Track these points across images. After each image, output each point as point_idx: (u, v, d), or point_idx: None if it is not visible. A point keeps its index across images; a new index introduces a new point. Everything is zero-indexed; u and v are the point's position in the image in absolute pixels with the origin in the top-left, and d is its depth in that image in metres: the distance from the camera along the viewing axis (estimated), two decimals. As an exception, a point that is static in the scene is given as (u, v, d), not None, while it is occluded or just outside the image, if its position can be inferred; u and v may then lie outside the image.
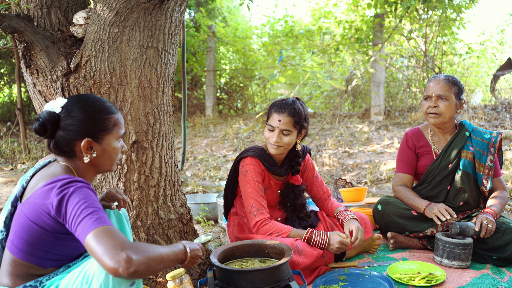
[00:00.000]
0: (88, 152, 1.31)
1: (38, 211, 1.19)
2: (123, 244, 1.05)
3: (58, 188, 1.17)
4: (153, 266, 1.09)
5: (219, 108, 9.24)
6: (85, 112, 1.30)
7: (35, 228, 1.20)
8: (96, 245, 1.05)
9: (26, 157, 6.37)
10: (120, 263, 1.02)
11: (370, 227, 2.37)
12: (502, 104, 6.56)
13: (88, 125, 1.30)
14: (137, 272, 1.04)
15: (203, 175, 5.14)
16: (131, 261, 1.03)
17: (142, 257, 1.06)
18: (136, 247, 1.07)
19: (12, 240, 1.24)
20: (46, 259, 1.25)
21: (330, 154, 5.38)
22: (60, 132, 1.29)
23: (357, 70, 7.72)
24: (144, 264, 1.05)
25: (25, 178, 1.32)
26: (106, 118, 1.34)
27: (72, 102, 1.31)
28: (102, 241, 1.05)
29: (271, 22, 9.14)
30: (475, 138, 2.38)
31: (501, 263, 2.15)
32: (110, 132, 1.35)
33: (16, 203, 1.31)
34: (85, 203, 1.13)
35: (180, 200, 2.11)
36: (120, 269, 1.01)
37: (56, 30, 1.88)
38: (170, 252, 1.20)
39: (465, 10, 6.60)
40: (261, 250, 1.87)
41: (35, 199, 1.21)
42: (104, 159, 1.36)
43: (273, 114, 2.12)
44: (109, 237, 1.06)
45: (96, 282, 1.10)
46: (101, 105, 1.34)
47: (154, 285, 1.87)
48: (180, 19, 2.00)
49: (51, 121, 1.28)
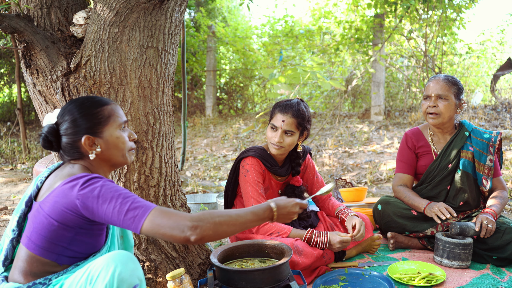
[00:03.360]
0: (92, 148, 1.34)
1: (59, 208, 1.22)
2: (185, 216, 1.17)
3: (82, 185, 1.21)
4: (222, 229, 1.20)
5: (219, 108, 9.24)
6: (75, 112, 1.33)
7: (55, 225, 1.23)
8: (159, 225, 1.15)
9: (26, 157, 6.37)
10: (189, 231, 1.14)
11: (370, 227, 2.37)
12: (502, 104, 6.56)
13: (82, 123, 1.33)
14: (205, 236, 1.16)
15: (203, 175, 5.14)
16: (197, 227, 1.15)
17: (208, 223, 1.17)
18: (199, 216, 1.19)
19: (30, 236, 1.26)
20: (63, 255, 1.28)
21: (330, 154, 5.38)
22: (63, 139, 1.34)
23: (357, 70, 7.72)
24: (211, 229, 1.17)
25: (39, 179, 1.36)
26: (98, 111, 1.35)
27: (64, 108, 1.36)
28: (162, 220, 1.15)
29: (271, 22, 9.14)
30: (475, 138, 2.38)
31: (501, 263, 2.15)
32: (106, 123, 1.36)
33: (30, 203, 1.34)
34: (120, 194, 1.19)
35: (180, 200, 2.11)
36: (192, 238, 1.15)
37: (56, 30, 1.88)
38: (247, 212, 1.28)
39: (465, 10, 6.60)
40: (261, 250, 1.87)
41: (55, 197, 1.23)
42: (112, 151, 1.37)
43: (277, 114, 2.12)
44: (169, 215, 1.17)
45: (101, 282, 1.11)
46: (90, 101, 1.37)
47: (154, 285, 1.87)
48: (180, 19, 2.00)
49: (51, 132, 1.33)
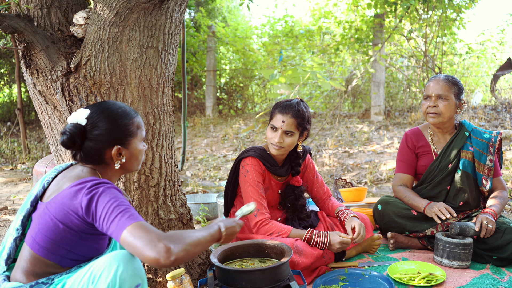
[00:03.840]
0: (118, 158, 1.36)
1: (65, 211, 1.22)
2: (160, 235, 1.11)
3: (88, 188, 1.21)
4: (192, 250, 1.15)
5: (219, 108, 9.24)
6: (111, 121, 1.34)
7: (60, 227, 1.23)
8: (134, 240, 1.10)
9: (26, 157, 6.37)
10: (160, 254, 1.07)
11: (370, 227, 2.37)
12: (502, 104, 6.56)
13: (116, 133, 1.34)
14: (178, 259, 1.10)
15: (203, 175, 5.14)
16: (170, 250, 1.08)
17: (180, 244, 1.12)
18: (172, 236, 1.13)
19: (35, 237, 1.26)
20: (67, 258, 1.28)
21: (330, 154, 5.38)
22: (88, 143, 1.33)
23: (357, 70, 7.72)
24: (183, 251, 1.11)
25: (46, 179, 1.36)
26: (130, 123, 1.38)
27: (97, 112, 1.34)
28: (139, 235, 1.10)
29: (271, 22, 9.13)
30: (475, 138, 2.38)
31: (501, 263, 2.15)
32: (135, 136, 1.40)
33: (35, 203, 1.34)
34: (116, 201, 1.18)
35: (180, 200, 2.11)
36: (162, 259, 1.07)
37: (56, 30, 1.88)
38: (206, 234, 1.25)
39: (465, 10, 6.59)
40: (261, 250, 1.87)
41: (62, 199, 1.24)
42: (132, 162, 1.42)
43: (277, 114, 2.12)
44: (145, 231, 1.11)
45: (104, 282, 1.11)
46: (124, 111, 1.39)
47: (154, 285, 1.87)
48: (180, 19, 2.00)
49: (79, 133, 1.31)
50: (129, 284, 1.12)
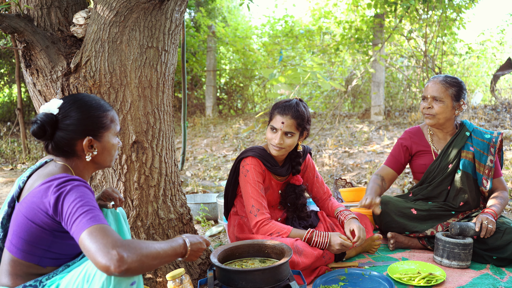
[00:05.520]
0: (90, 150, 1.33)
1: (35, 210, 1.20)
2: (115, 242, 1.05)
3: (55, 186, 1.18)
4: (148, 262, 1.08)
5: (219, 108, 9.24)
6: (83, 111, 1.31)
7: (33, 226, 1.20)
8: (89, 243, 1.05)
9: (26, 157, 6.37)
10: (112, 261, 1.01)
11: (370, 227, 2.37)
12: (502, 104, 6.55)
13: (88, 124, 1.32)
14: (129, 270, 1.03)
15: (203, 175, 5.14)
16: (123, 259, 1.02)
17: (135, 254, 1.05)
18: (129, 244, 1.07)
19: (11, 239, 1.24)
20: (45, 258, 1.25)
21: (330, 154, 5.38)
22: (59, 133, 1.30)
23: (357, 70, 7.71)
24: (137, 262, 1.05)
25: (21, 179, 1.33)
26: (104, 115, 1.36)
27: (69, 102, 1.32)
28: (95, 239, 1.05)
29: (271, 22, 9.13)
30: (476, 138, 2.38)
31: (501, 263, 2.15)
32: (108, 129, 1.37)
33: (12, 203, 1.31)
34: (81, 201, 1.14)
35: (180, 200, 2.11)
36: (112, 267, 1.01)
37: (56, 30, 1.88)
38: (167, 247, 1.19)
39: (465, 10, 6.59)
40: (261, 250, 1.87)
41: (32, 198, 1.21)
42: (104, 155, 1.39)
43: (276, 115, 2.12)
44: (102, 236, 1.06)
45: (98, 281, 1.10)
46: (97, 103, 1.36)
47: (154, 285, 1.87)
48: (180, 19, 2.00)
49: (50, 122, 1.28)
50: (124, 283, 1.10)
